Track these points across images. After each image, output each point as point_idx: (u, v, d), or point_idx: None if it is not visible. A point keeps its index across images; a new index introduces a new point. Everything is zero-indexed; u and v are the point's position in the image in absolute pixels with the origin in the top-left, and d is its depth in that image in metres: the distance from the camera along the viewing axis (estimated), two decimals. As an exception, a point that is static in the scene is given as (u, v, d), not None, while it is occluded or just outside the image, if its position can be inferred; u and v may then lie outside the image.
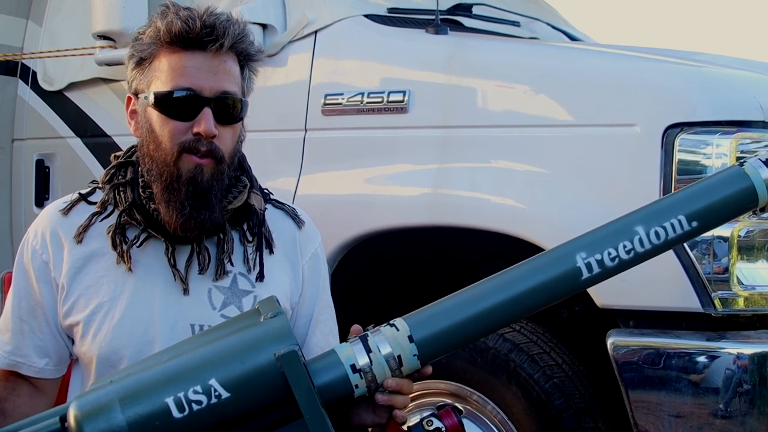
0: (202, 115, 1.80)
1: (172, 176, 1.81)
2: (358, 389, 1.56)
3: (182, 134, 1.81)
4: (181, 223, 1.81)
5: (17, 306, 1.91)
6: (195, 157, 1.80)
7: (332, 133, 3.01)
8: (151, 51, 1.83)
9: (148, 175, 1.85)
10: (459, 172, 2.78)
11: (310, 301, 2.00)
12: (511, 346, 2.67)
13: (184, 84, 1.80)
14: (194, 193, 1.80)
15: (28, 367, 1.91)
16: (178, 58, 1.81)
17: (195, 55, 1.80)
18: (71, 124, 3.80)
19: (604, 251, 1.61)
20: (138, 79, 1.86)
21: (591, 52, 3.21)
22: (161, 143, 1.82)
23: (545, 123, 2.68)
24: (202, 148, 1.80)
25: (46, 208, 1.97)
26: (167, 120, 1.81)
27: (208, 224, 1.83)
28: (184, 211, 1.80)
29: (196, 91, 1.80)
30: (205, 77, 1.80)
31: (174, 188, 1.81)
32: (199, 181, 1.80)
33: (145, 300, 1.85)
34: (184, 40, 1.79)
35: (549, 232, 2.55)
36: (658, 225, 1.62)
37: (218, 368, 1.45)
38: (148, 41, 1.82)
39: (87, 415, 1.42)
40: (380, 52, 3.05)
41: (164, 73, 1.81)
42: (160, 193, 1.83)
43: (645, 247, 1.62)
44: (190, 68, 1.80)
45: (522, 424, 2.65)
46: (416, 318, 1.61)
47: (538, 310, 1.67)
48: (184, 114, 1.80)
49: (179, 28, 1.78)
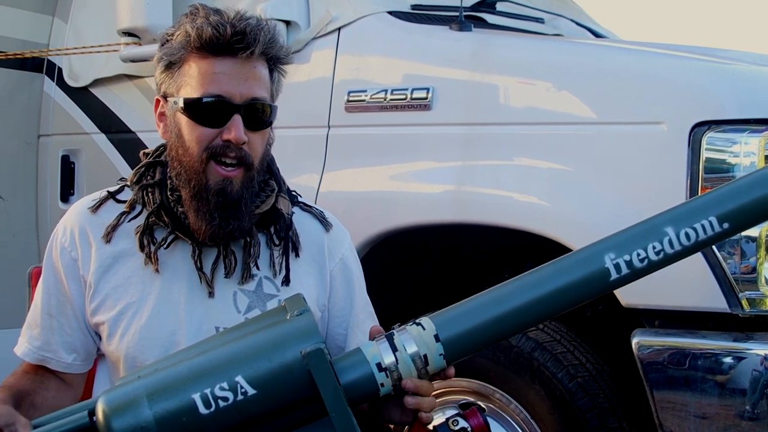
0: (232, 122, 1.79)
1: (200, 184, 1.81)
2: (383, 388, 1.56)
3: (210, 140, 1.80)
4: (210, 234, 1.82)
5: (46, 302, 1.93)
6: (222, 170, 1.80)
7: (355, 130, 3.01)
8: (180, 55, 1.83)
9: (177, 179, 1.86)
10: (482, 169, 2.77)
11: (344, 303, 2.00)
12: (534, 345, 2.66)
13: (214, 91, 1.79)
14: (223, 204, 1.81)
15: (56, 362, 1.93)
16: (208, 64, 1.80)
17: (225, 61, 1.80)
18: (96, 120, 3.82)
19: (633, 252, 1.59)
20: (167, 82, 1.86)
21: (616, 49, 3.19)
22: (189, 149, 1.82)
23: (569, 120, 2.67)
24: (231, 154, 1.80)
25: (74, 204, 1.99)
26: (196, 126, 1.81)
27: (237, 233, 1.84)
28: (213, 222, 1.81)
29: (226, 98, 1.79)
30: (235, 84, 1.80)
31: (203, 197, 1.81)
32: (229, 192, 1.81)
33: (172, 302, 1.86)
34: (215, 47, 1.78)
35: (573, 230, 2.54)
36: (689, 226, 1.60)
37: (245, 365, 1.45)
38: (178, 46, 1.82)
39: (115, 410, 1.43)
40: (404, 48, 3.04)
41: (194, 78, 1.81)
42: (189, 200, 1.83)
43: (675, 249, 1.60)
44: (220, 74, 1.79)
45: (545, 423, 2.64)
46: (443, 317, 1.60)
47: (566, 311, 1.66)
48: (214, 120, 1.80)
49: (210, 34, 1.77)
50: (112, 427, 1.42)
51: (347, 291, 2.00)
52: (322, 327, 1.98)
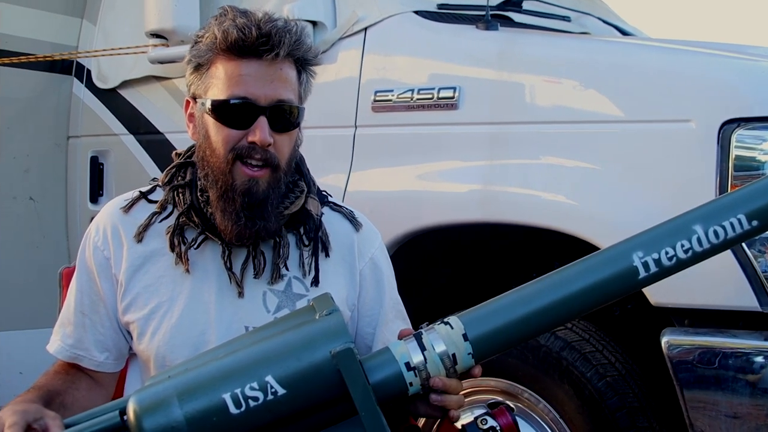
0: (257, 123, 1.80)
1: (226, 184, 1.82)
2: (412, 387, 1.56)
3: (236, 142, 1.82)
4: (237, 233, 1.83)
5: (79, 301, 1.95)
6: (248, 170, 1.82)
7: (382, 129, 3.02)
8: (208, 57, 1.84)
9: (205, 179, 1.87)
10: (509, 168, 2.77)
11: (373, 303, 2.00)
12: (563, 344, 2.65)
13: (240, 92, 1.80)
14: (249, 204, 1.82)
15: (88, 361, 1.95)
16: (234, 66, 1.81)
17: (251, 63, 1.81)
18: (125, 121, 3.85)
19: (662, 250, 1.59)
20: (196, 84, 1.88)
21: (643, 46, 3.17)
22: (216, 150, 1.83)
23: (597, 119, 2.65)
24: (256, 155, 1.81)
25: (107, 204, 2.01)
26: (222, 127, 1.82)
27: (263, 233, 1.85)
28: (239, 221, 1.82)
29: (251, 100, 1.80)
30: (261, 85, 1.81)
31: (229, 197, 1.82)
32: (255, 192, 1.82)
33: (202, 301, 1.88)
34: (240, 48, 1.79)
35: (600, 228, 2.53)
36: (717, 224, 1.59)
37: (274, 365, 1.46)
38: (205, 48, 1.83)
39: (146, 410, 1.44)
40: (430, 48, 3.04)
41: (221, 80, 1.82)
42: (216, 201, 1.84)
43: (703, 247, 1.60)
44: (245, 76, 1.81)
45: (574, 422, 2.63)
46: (471, 316, 1.60)
47: (594, 310, 1.65)
48: (240, 122, 1.81)
49: (235, 36, 1.78)
50: (144, 426, 1.43)
51: (377, 291, 2.01)
52: (352, 326, 1.98)
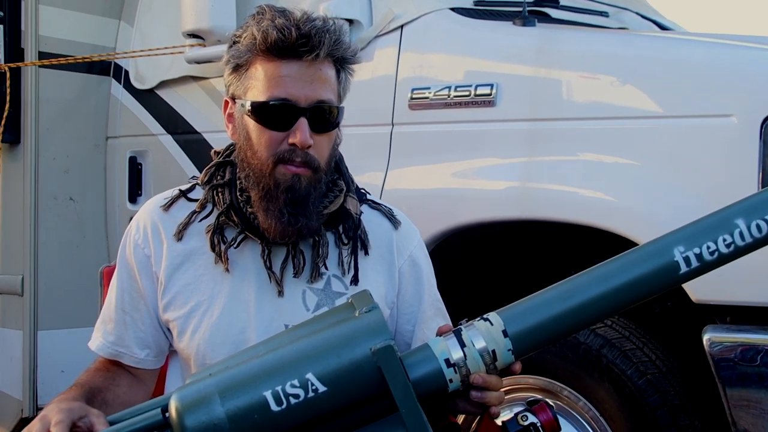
0: (297, 125, 1.80)
1: (269, 186, 1.82)
2: (452, 384, 1.55)
3: (278, 144, 1.81)
4: (280, 231, 1.83)
5: (120, 298, 1.97)
6: (291, 167, 1.81)
7: (419, 127, 3.01)
8: (247, 58, 1.84)
9: (246, 180, 1.88)
10: (547, 165, 2.75)
11: (412, 300, 2.00)
12: (602, 342, 2.63)
13: (280, 94, 1.80)
14: (292, 201, 1.82)
15: (129, 357, 1.96)
16: (274, 68, 1.80)
17: (290, 64, 1.80)
18: (162, 121, 3.88)
19: (703, 245, 1.57)
20: (235, 84, 1.88)
21: (683, 41, 3.14)
22: (257, 152, 1.83)
23: (636, 114, 2.63)
24: (297, 158, 1.81)
25: (147, 202, 2.02)
26: (263, 130, 1.82)
27: (305, 231, 1.85)
28: (282, 219, 1.82)
29: (291, 102, 1.80)
30: (301, 87, 1.80)
31: (272, 196, 1.82)
32: (297, 189, 1.81)
33: (242, 300, 1.88)
34: (280, 49, 1.79)
35: (640, 225, 2.51)
36: (760, 218, 1.57)
37: (315, 362, 1.46)
38: (244, 49, 1.83)
39: (188, 408, 1.45)
40: (467, 45, 3.03)
41: (260, 81, 1.82)
42: (258, 201, 1.85)
43: (746, 241, 1.57)
44: (285, 78, 1.80)
45: (615, 420, 2.61)
46: (510, 312, 1.59)
47: (634, 305, 1.64)
48: (280, 124, 1.81)
49: (275, 37, 1.77)
50: (186, 424, 1.44)
51: (416, 288, 2.00)
52: (391, 323, 1.98)
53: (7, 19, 3.86)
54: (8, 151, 3.91)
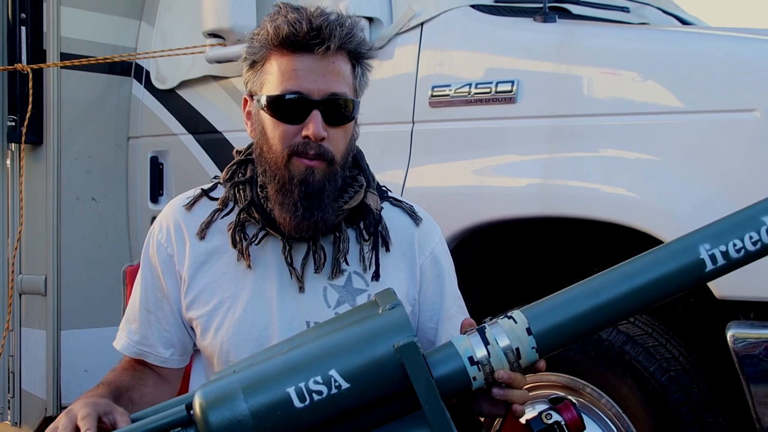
0: (310, 118, 1.80)
1: (284, 179, 1.83)
2: (476, 382, 1.55)
3: (292, 137, 1.82)
4: (295, 225, 1.84)
5: (144, 298, 1.98)
6: (305, 160, 1.82)
7: (440, 125, 3.01)
8: (262, 54, 1.85)
9: (264, 176, 1.88)
10: (569, 161, 2.74)
11: (434, 297, 2.00)
12: (625, 339, 2.63)
13: (293, 87, 1.81)
14: (306, 194, 1.82)
15: (154, 357, 1.97)
16: (287, 61, 1.81)
17: (303, 58, 1.81)
18: (183, 121, 3.90)
19: (729, 243, 1.55)
20: (252, 81, 1.89)
21: (705, 35, 3.12)
22: (272, 146, 1.84)
23: (658, 110, 2.62)
24: (310, 151, 1.81)
25: (170, 202, 2.03)
26: (277, 123, 1.83)
27: (321, 225, 1.85)
28: (297, 212, 1.82)
29: (304, 94, 1.80)
30: (313, 79, 1.80)
31: (287, 190, 1.83)
32: (311, 182, 1.81)
33: (264, 297, 1.89)
34: (292, 43, 1.80)
35: (662, 221, 2.50)
36: None
37: (338, 359, 1.46)
38: (259, 45, 1.84)
39: (212, 404, 1.45)
40: (487, 42, 3.03)
41: (274, 76, 1.83)
42: (275, 195, 1.85)
43: (773, 238, 1.56)
44: (298, 71, 1.81)
45: (638, 417, 2.60)
46: (534, 310, 1.58)
47: (659, 303, 1.63)
48: (294, 117, 1.82)
49: (286, 31, 1.78)
50: (209, 420, 1.44)
51: (438, 285, 2.00)
52: (413, 321, 1.98)
53: (29, 20, 3.89)
54: (31, 151, 3.94)
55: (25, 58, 3.86)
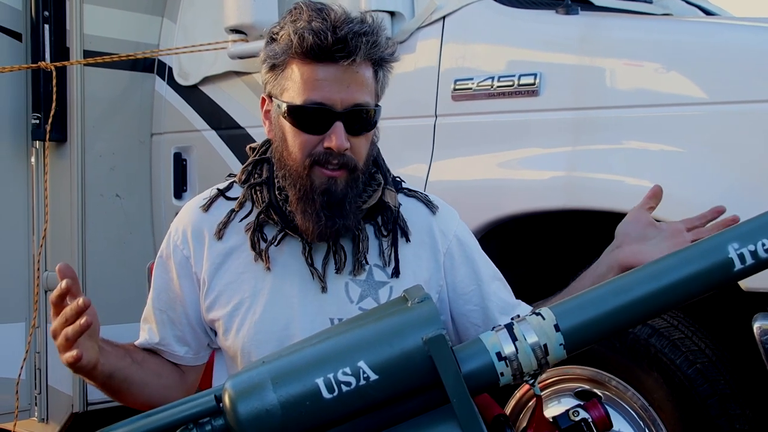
0: (333, 129, 1.79)
1: (305, 187, 1.82)
2: (503, 377, 1.54)
3: (313, 147, 1.81)
4: (318, 233, 1.84)
5: (157, 298, 2.00)
6: (326, 170, 1.81)
7: (463, 118, 3.01)
8: (283, 59, 1.82)
9: (283, 179, 1.88)
10: (592, 154, 2.74)
11: (468, 279, 1.98)
12: (651, 331, 2.61)
13: (316, 98, 1.78)
14: (329, 203, 1.82)
15: (170, 354, 2.01)
16: (310, 70, 1.79)
17: (327, 68, 1.78)
18: (206, 117, 3.91)
19: (758, 242, 1.54)
20: (272, 83, 1.87)
21: (728, 26, 3.11)
22: (293, 154, 1.83)
23: (681, 102, 2.61)
24: (333, 161, 1.80)
25: (186, 204, 2.03)
26: (299, 132, 1.82)
27: (342, 231, 1.85)
28: (320, 222, 1.82)
29: (327, 106, 1.78)
30: (337, 90, 1.78)
31: (309, 198, 1.82)
32: (334, 192, 1.81)
33: (284, 296, 1.89)
34: (316, 54, 1.77)
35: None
36: None
37: (367, 351, 1.46)
38: (280, 50, 1.82)
39: (241, 394, 1.46)
40: (509, 34, 3.02)
41: (296, 83, 1.80)
42: (296, 202, 1.85)
43: (801, 237, 1.55)
44: (321, 81, 1.78)
45: (664, 410, 2.59)
46: (562, 307, 1.58)
47: (687, 303, 1.62)
48: (316, 128, 1.80)
49: (311, 42, 1.75)
50: (238, 410, 1.45)
51: (469, 267, 1.99)
52: (444, 309, 1.98)
53: (52, 18, 3.90)
54: (55, 149, 3.96)
55: (48, 55, 3.88)
